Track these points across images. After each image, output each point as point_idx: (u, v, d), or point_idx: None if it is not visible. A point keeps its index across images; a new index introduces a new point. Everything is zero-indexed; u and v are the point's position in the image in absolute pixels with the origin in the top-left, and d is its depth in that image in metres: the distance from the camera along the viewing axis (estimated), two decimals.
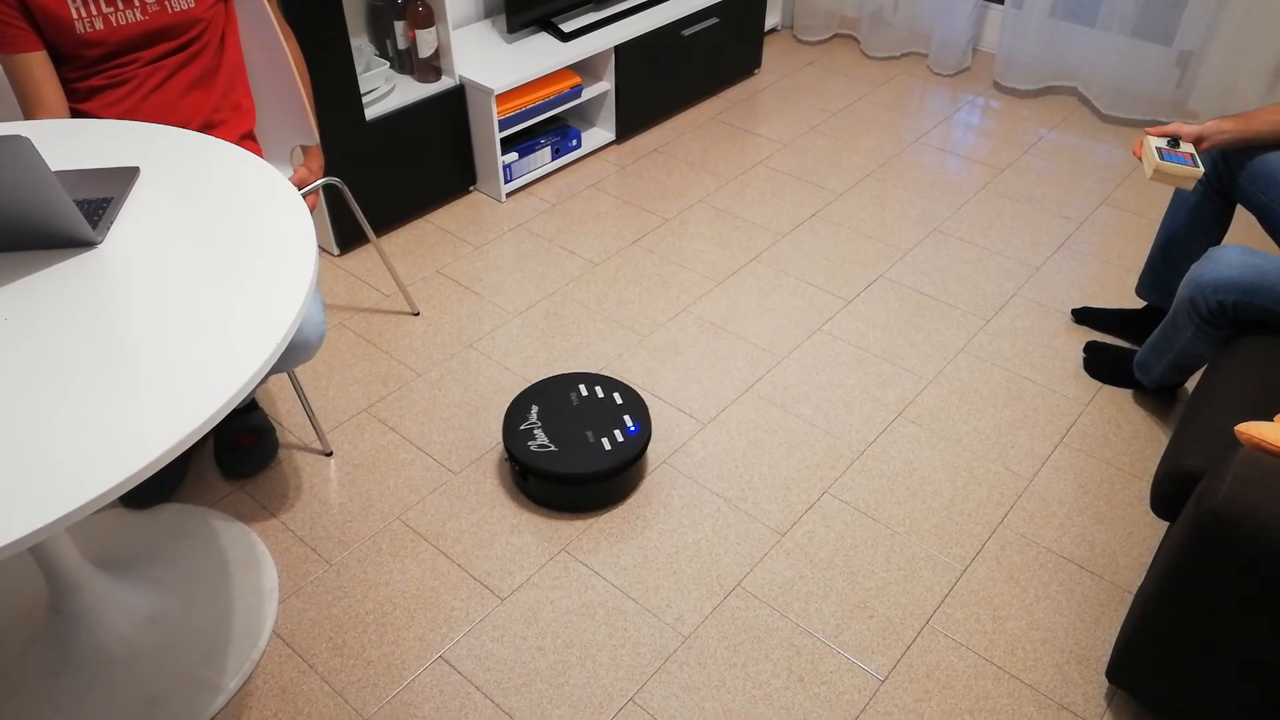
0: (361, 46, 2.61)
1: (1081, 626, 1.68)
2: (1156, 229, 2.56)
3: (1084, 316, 2.35)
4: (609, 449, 1.85)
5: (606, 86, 2.96)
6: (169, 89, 1.75)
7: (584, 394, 1.97)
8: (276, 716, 1.55)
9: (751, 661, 1.63)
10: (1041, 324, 2.36)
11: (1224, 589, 1.26)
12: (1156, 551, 1.61)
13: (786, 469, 1.98)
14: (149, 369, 1.11)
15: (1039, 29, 3.26)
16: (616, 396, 1.97)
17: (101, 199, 1.39)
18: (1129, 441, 2.04)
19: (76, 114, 1.72)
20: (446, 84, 2.63)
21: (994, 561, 1.79)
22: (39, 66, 1.64)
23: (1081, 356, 2.26)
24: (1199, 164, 1.82)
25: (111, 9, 1.65)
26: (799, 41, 3.76)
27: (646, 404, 1.98)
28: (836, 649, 1.64)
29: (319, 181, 1.98)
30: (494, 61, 2.70)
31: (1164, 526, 1.86)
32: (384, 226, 2.68)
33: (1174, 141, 1.86)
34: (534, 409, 1.94)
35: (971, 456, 2.01)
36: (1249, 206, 1.90)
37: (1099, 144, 3.09)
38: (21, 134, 1.17)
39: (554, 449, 1.85)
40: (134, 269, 1.27)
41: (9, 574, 1.74)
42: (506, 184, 2.81)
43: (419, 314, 2.40)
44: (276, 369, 1.64)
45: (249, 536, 1.82)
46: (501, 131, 2.69)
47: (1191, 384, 2.17)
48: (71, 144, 1.55)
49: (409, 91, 2.59)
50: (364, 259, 2.58)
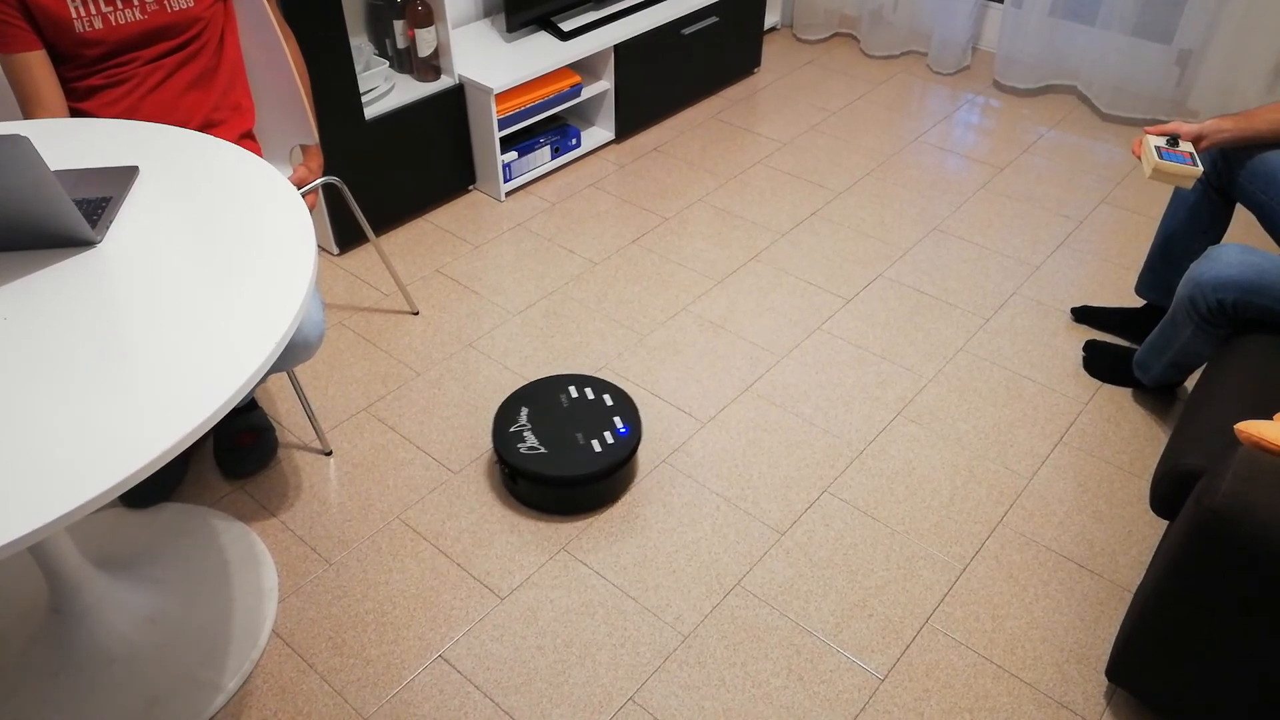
0: (361, 46, 2.61)
1: (1081, 625, 1.68)
2: (1156, 228, 2.56)
3: (1083, 315, 2.35)
4: (599, 451, 1.84)
5: (606, 85, 2.96)
6: (168, 88, 1.75)
7: (574, 395, 1.96)
8: (276, 716, 1.55)
9: (751, 660, 1.63)
10: (1041, 323, 2.36)
11: (1223, 587, 1.26)
12: (1156, 550, 1.61)
13: (786, 468, 1.98)
14: (148, 368, 1.11)
15: (1039, 28, 3.26)
16: (607, 398, 1.96)
17: (101, 198, 1.39)
18: (1128, 440, 2.04)
19: (76, 113, 1.72)
20: (446, 83, 2.63)
21: (993, 560, 1.79)
22: (38, 66, 1.63)
23: (1081, 355, 2.26)
24: (1198, 163, 1.82)
25: (110, 8, 1.64)
26: (798, 40, 3.76)
27: (637, 405, 1.98)
28: (836, 648, 1.64)
29: (318, 181, 1.98)
30: (493, 60, 2.70)
31: (1163, 525, 1.86)
32: (383, 226, 2.68)
33: (1173, 140, 1.86)
34: (524, 411, 1.93)
35: (971, 455, 2.01)
36: (1248, 205, 1.90)
37: (1099, 143, 3.09)
38: (21, 133, 1.17)
39: (544, 451, 1.84)
40: (133, 268, 1.27)
41: (9, 574, 1.74)
42: (506, 183, 2.81)
43: (418, 313, 2.40)
44: (276, 368, 1.64)
45: (249, 536, 1.83)
46: (501, 130, 2.69)
47: (1191, 383, 2.17)
48: (71, 143, 1.55)
49: (408, 91, 2.59)
50: (363, 258, 2.58)
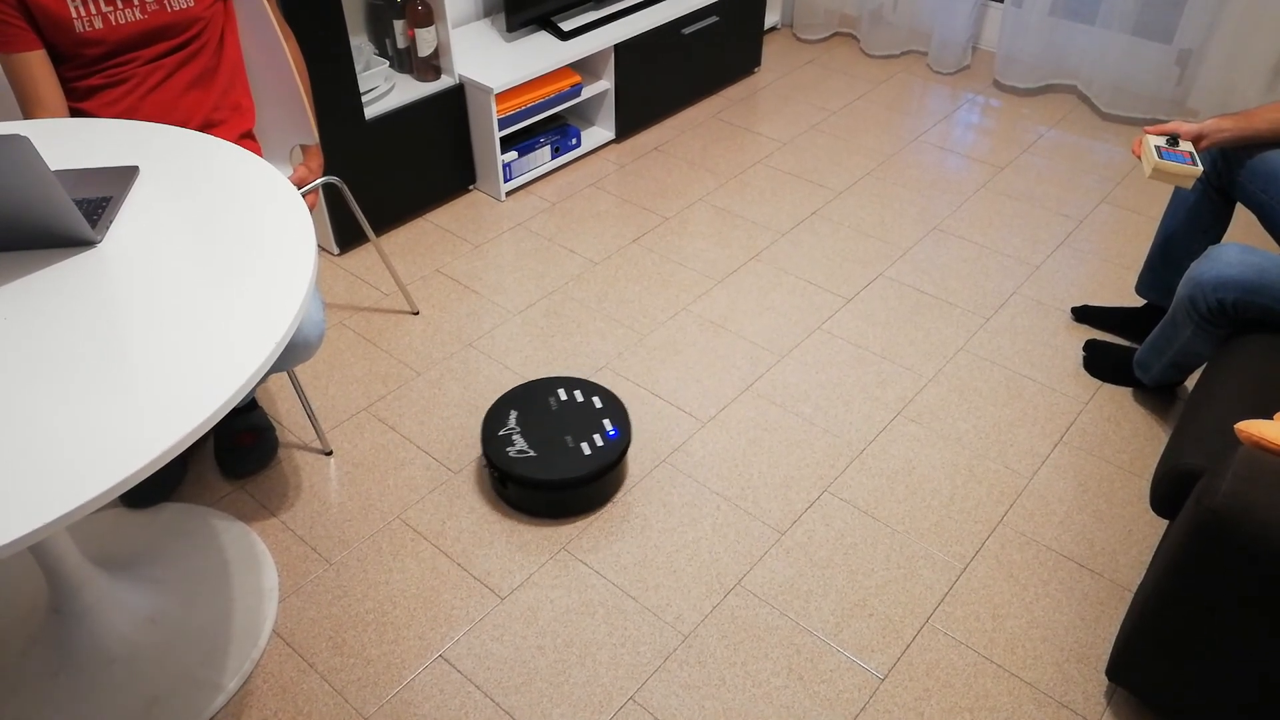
0: (361, 45, 2.61)
1: (1081, 625, 1.68)
2: (1156, 227, 2.56)
3: (1084, 315, 2.35)
4: (589, 454, 1.84)
5: (606, 85, 2.96)
6: (168, 88, 1.75)
7: (563, 398, 1.95)
8: (276, 716, 1.55)
9: (751, 660, 1.63)
10: (1041, 322, 2.36)
11: (1224, 587, 1.26)
12: (1156, 550, 1.61)
13: (786, 468, 1.98)
14: (148, 368, 1.11)
15: (1039, 27, 3.26)
16: (596, 400, 1.95)
17: (101, 198, 1.39)
18: (1129, 440, 2.04)
19: (76, 113, 1.72)
20: (446, 83, 2.63)
21: (994, 560, 1.79)
22: (38, 66, 1.63)
23: (1081, 355, 2.26)
24: (1198, 162, 1.82)
25: (110, 8, 1.64)
26: (799, 40, 3.76)
27: (627, 407, 1.97)
28: (836, 647, 1.64)
29: (318, 181, 1.98)
30: (493, 60, 2.70)
31: (1164, 525, 1.86)
32: (383, 225, 2.68)
33: (1173, 140, 1.86)
34: (513, 414, 1.91)
35: (971, 455, 2.01)
36: (1248, 205, 1.90)
37: (1099, 142, 3.09)
38: (21, 133, 1.17)
39: (533, 455, 1.83)
40: (133, 268, 1.27)
41: (9, 574, 1.74)
42: (506, 183, 2.81)
43: (419, 313, 2.39)
44: (276, 368, 1.64)
45: (249, 536, 1.83)
46: (501, 130, 2.69)
47: (1191, 382, 2.17)
48: (71, 143, 1.55)
49: (408, 90, 2.59)
50: (363, 258, 2.58)
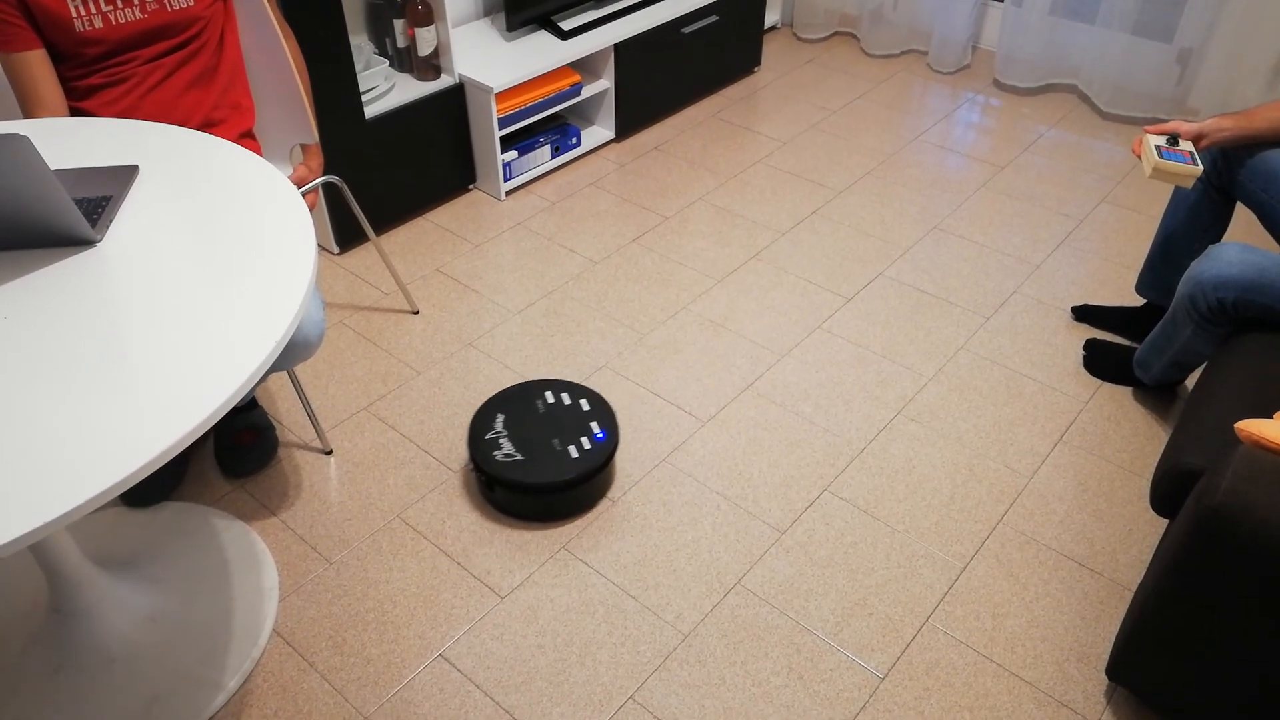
0: (361, 45, 2.61)
1: (1081, 624, 1.68)
2: (1156, 226, 2.56)
3: (1084, 314, 2.35)
4: (576, 456, 1.83)
5: (606, 84, 2.96)
6: (168, 87, 1.75)
7: (550, 401, 1.94)
8: (277, 715, 1.55)
9: (751, 659, 1.63)
10: (1041, 322, 2.36)
11: (1224, 586, 1.26)
12: (1156, 549, 1.61)
13: (786, 467, 1.98)
14: (148, 367, 1.11)
15: (1039, 26, 3.26)
16: (583, 403, 1.94)
17: (101, 197, 1.39)
18: (1129, 439, 2.04)
19: (75, 112, 1.72)
20: (446, 82, 2.63)
21: (994, 559, 1.79)
22: (38, 65, 1.63)
23: (1081, 354, 2.26)
24: (1198, 162, 1.82)
25: (110, 7, 1.64)
26: (799, 39, 3.76)
27: (614, 409, 1.96)
28: (836, 647, 1.64)
29: (318, 180, 1.98)
30: (493, 59, 2.70)
31: (1164, 524, 1.86)
32: (383, 225, 2.68)
33: (1173, 139, 1.86)
34: (499, 418, 1.90)
35: (971, 454, 2.01)
36: (1249, 204, 1.90)
37: (1099, 141, 3.09)
38: (20, 133, 1.17)
39: (520, 458, 1.82)
40: (133, 267, 1.27)
41: (9, 573, 1.74)
42: (506, 182, 2.81)
43: (419, 312, 2.39)
44: (276, 367, 1.64)
45: (249, 535, 1.83)
46: (501, 130, 2.69)
47: (1191, 381, 2.17)
48: (70, 142, 1.55)
49: (408, 90, 2.59)
50: (363, 257, 2.58)
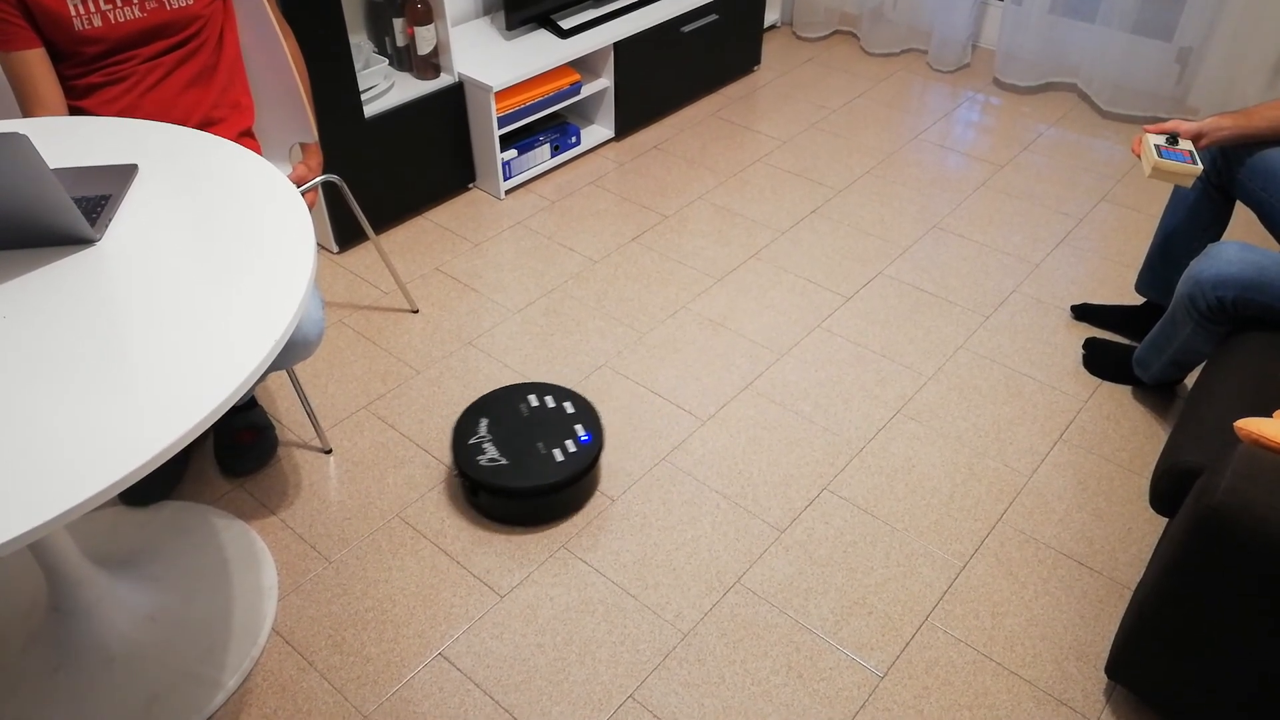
0: (360, 44, 2.61)
1: (1080, 622, 1.68)
2: (1156, 225, 2.56)
3: (1083, 313, 2.35)
4: (561, 460, 1.82)
5: (606, 83, 2.95)
6: (167, 86, 1.75)
7: (534, 404, 1.92)
8: (276, 714, 1.55)
9: (751, 658, 1.63)
10: (1041, 320, 2.36)
11: (1223, 585, 1.26)
12: (1155, 547, 1.61)
13: (786, 466, 1.98)
14: (148, 366, 1.11)
15: (1039, 25, 3.26)
16: (568, 405, 1.92)
17: (100, 196, 1.39)
18: (1128, 438, 2.04)
19: (75, 111, 1.72)
20: (445, 81, 2.63)
21: (993, 558, 1.79)
22: (37, 64, 1.63)
23: (1081, 353, 2.26)
24: (1198, 161, 1.82)
25: (110, 6, 1.64)
26: (798, 38, 3.76)
27: (598, 412, 1.95)
28: (836, 645, 1.65)
29: (318, 179, 1.98)
30: (493, 58, 2.70)
31: (1163, 522, 1.86)
32: (383, 224, 2.68)
33: (1173, 139, 1.86)
34: (483, 422, 1.88)
35: (971, 453, 2.01)
36: (1248, 203, 1.90)
37: (1099, 140, 3.09)
38: (20, 132, 1.16)
39: (505, 463, 1.81)
40: (132, 266, 1.27)
41: (9, 572, 1.74)
42: (505, 181, 2.81)
43: (418, 311, 2.39)
44: (275, 366, 1.64)
45: (248, 534, 1.83)
46: (500, 128, 2.69)
47: (1191, 380, 2.17)
48: (70, 141, 1.55)
49: (408, 89, 2.59)
50: (363, 256, 2.58)
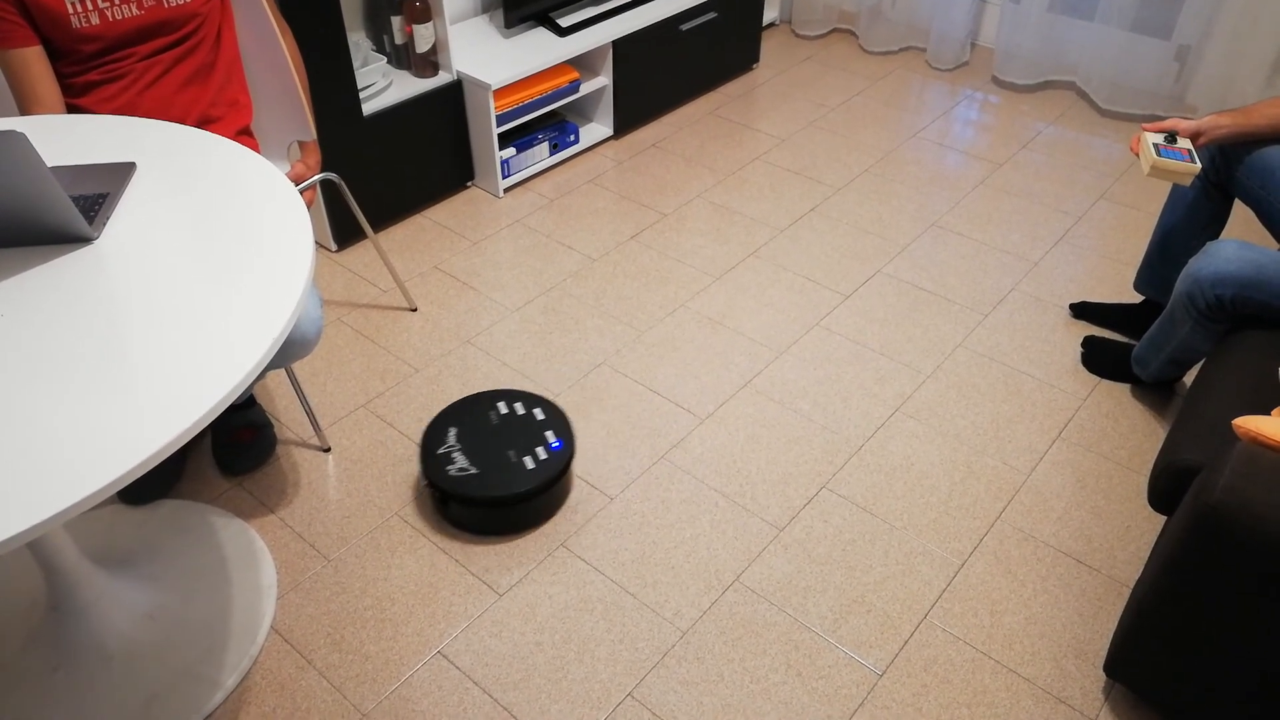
0: (358, 41, 2.61)
1: (1079, 620, 1.68)
2: (1154, 224, 2.56)
3: (1082, 311, 2.35)
4: (532, 467, 1.80)
5: (604, 81, 2.95)
6: (165, 84, 1.75)
7: (504, 412, 1.90)
8: (275, 712, 1.55)
9: (750, 656, 1.63)
10: (1039, 319, 2.36)
11: (1221, 583, 1.26)
12: (1154, 545, 1.61)
13: (784, 464, 1.98)
14: (146, 365, 1.11)
15: (1037, 23, 3.26)
16: (537, 412, 1.90)
17: (98, 195, 1.39)
18: (1127, 436, 2.04)
19: (72, 109, 1.72)
20: (444, 79, 2.62)
21: (992, 556, 1.79)
22: (35, 62, 1.63)
23: (1079, 351, 2.26)
24: (1196, 159, 1.82)
25: (107, 4, 1.64)
26: (797, 36, 3.76)
27: (569, 418, 1.94)
28: (834, 643, 1.65)
29: (316, 177, 1.98)
30: (492, 56, 2.70)
31: (1162, 521, 1.86)
32: (381, 222, 2.68)
33: (1171, 137, 1.86)
34: (451, 431, 1.86)
35: (969, 451, 2.01)
36: (1247, 201, 1.90)
37: (1097, 139, 3.09)
38: (17, 130, 1.16)
39: (475, 472, 1.79)
40: (130, 265, 1.27)
41: (7, 570, 1.74)
42: (504, 179, 2.81)
43: (417, 310, 2.39)
44: (274, 365, 1.64)
45: (247, 532, 1.82)
46: (499, 127, 2.69)
47: (1189, 378, 2.17)
48: (67, 139, 1.55)
49: (406, 87, 2.58)
50: (361, 255, 2.58)
